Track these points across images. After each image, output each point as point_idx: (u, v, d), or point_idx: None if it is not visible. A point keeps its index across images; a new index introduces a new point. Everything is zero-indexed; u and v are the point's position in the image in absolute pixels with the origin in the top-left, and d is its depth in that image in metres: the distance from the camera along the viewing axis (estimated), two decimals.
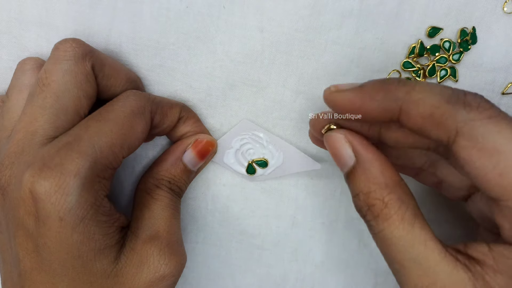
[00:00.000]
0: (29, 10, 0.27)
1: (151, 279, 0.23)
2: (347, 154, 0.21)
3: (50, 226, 0.20)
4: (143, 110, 0.23)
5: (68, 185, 0.20)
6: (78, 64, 0.23)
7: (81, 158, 0.20)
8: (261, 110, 0.28)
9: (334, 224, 0.30)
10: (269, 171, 0.28)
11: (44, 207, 0.20)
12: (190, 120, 0.27)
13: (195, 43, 0.27)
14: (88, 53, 0.23)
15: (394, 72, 0.27)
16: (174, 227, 0.25)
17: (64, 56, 0.23)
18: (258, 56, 0.27)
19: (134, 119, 0.23)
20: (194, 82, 0.27)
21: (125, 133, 0.22)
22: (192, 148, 0.27)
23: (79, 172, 0.20)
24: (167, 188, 0.26)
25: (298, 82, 0.27)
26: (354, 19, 0.26)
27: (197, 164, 0.27)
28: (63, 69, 0.22)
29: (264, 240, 0.30)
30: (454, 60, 0.26)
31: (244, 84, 0.27)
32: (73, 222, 0.20)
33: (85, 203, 0.20)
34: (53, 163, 0.20)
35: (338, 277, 0.30)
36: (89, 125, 0.22)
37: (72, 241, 0.20)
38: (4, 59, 0.28)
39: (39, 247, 0.20)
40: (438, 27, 0.26)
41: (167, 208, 0.25)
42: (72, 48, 0.23)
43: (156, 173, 0.26)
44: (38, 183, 0.20)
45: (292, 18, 0.26)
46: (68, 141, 0.21)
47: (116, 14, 0.27)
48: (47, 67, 0.23)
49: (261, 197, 0.29)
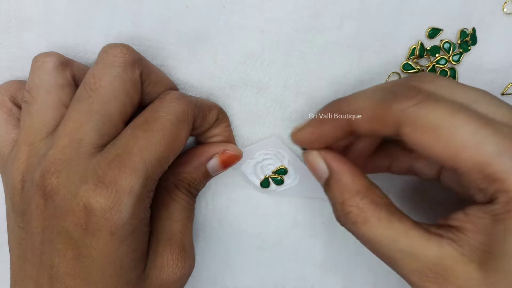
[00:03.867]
0: (29, 10, 0.27)
1: (169, 281, 0.24)
2: (321, 168, 0.23)
3: (99, 238, 0.20)
4: (187, 115, 0.23)
5: (122, 203, 0.20)
6: (127, 70, 0.22)
7: (134, 175, 0.21)
8: (261, 110, 0.28)
9: (335, 224, 0.30)
10: (282, 189, 0.29)
11: (97, 221, 0.20)
12: (222, 124, 0.27)
13: (196, 43, 0.27)
14: (138, 61, 0.23)
15: (394, 74, 0.27)
16: (189, 230, 0.26)
17: (114, 62, 0.22)
18: (258, 56, 0.27)
19: (179, 127, 0.23)
20: (195, 82, 0.27)
21: (171, 143, 0.22)
22: (219, 157, 0.27)
23: (133, 189, 0.20)
24: (185, 190, 0.26)
25: (298, 83, 0.27)
26: (354, 20, 0.26)
27: (218, 172, 0.27)
28: (112, 74, 0.22)
29: (264, 240, 0.30)
30: (454, 61, 0.27)
31: (245, 84, 0.27)
32: (123, 236, 0.21)
33: (136, 218, 0.21)
34: (107, 179, 0.20)
35: (338, 277, 0.30)
36: (137, 136, 0.22)
37: (118, 253, 0.21)
38: (3, 59, 0.27)
39: (81, 256, 0.21)
40: (438, 28, 0.26)
41: (184, 211, 0.25)
42: (123, 54, 0.22)
43: (178, 174, 0.26)
44: (94, 199, 0.20)
45: (292, 18, 0.26)
46: (119, 154, 0.21)
47: (116, 14, 0.26)
48: (95, 72, 0.22)
49: (261, 196, 0.30)
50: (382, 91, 0.21)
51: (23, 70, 0.28)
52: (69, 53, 0.27)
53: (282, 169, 0.28)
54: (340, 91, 0.27)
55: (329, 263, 0.30)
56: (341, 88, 0.27)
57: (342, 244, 0.30)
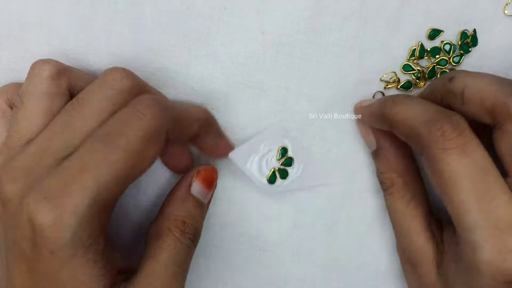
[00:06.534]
0: (30, 12, 0.27)
1: None
2: (370, 140, 0.27)
3: (43, 256, 0.19)
4: (158, 132, 0.21)
5: (64, 222, 0.19)
6: (121, 95, 0.22)
7: (81, 194, 0.19)
8: (263, 112, 0.28)
9: (336, 225, 0.30)
10: (287, 182, 0.28)
11: (40, 236, 0.19)
12: (209, 135, 0.26)
13: (196, 45, 0.27)
14: (135, 86, 0.23)
15: (391, 73, 0.27)
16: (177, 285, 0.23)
17: (111, 86, 0.22)
18: (259, 57, 0.27)
19: (147, 145, 0.21)
20: (195, 84, 0.27)
21: (135, 163, 0.20)
22: (197, 178, 0.26)
23: (77, 209, 0.19)
24: (180, 232, 0.23)
25: (299, 84, 0.27)
26: (355, 21, 0.26)
27: (206, 194, 0.26)
28: (106, 97, 0.22)
29: (265, 241, 0.30)
30: (455, 63, 0.27)
31: (246, 86, 0.27)
32: (63, 258, 0.19)
33: (79, 241, 0.19)
34: (52, 195, 0.19)
35: (339, 279, 0.30)
36: (95, 150, 0.20)
37: (61, 277, 0.20)
38: (5, 61, 0.28)
39: (33, 271, 0.20)
40: (439, 29, 0.26)
41: (172, 265, 0.22)
42: (121, 78, 0.22)
43: (168, 213, 0.24)
44: (36, 212, 0.19)
45: (293, 19, 0.26)
46: (70, 169, 0.20)
47: (116, 16, 0.27)
48: (89, 88, 0.22)
49: (262, 198, 0.29)
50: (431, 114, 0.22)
51: (24, 72, 0.27)
52: (71, 55, 0.27)
53: (287, 159, 0.28)
54: (341, 92, 0.27)
55: (330, 264, 0.30)
56: (342, 88, 0.27)
57: (343, 245, 0.30)
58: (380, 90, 0.27)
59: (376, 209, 0.29)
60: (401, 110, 0.23)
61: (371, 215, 0.29)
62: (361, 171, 0.29)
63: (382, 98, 0.26)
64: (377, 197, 0.29)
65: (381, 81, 0.27)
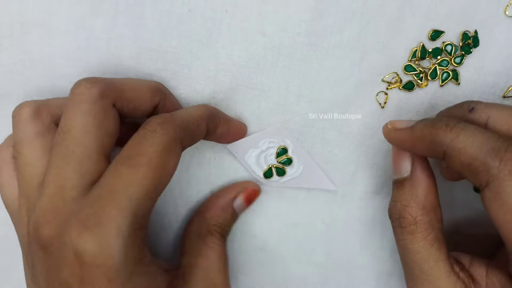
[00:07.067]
0: (31, 13, 0.27)
1: None
2: (404, 167, 0.24)
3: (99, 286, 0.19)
4: (174, 143, 0.22)
5: (111, 246, 0.19)
6: (96, 104, 0.22)
7: (120, 215, 0.19)
8: (264, 113, 0.28)
9: (336, 225, 0.30)
10: (284, 180, 0.29)
11: (91, 270, 0.19)
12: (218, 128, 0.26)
13: (198, 47, 0.27)
14: (106, 89, 0.22)
15: (393, 74, 0.27)
16: (228, 279, 0.26)
17: (81, 99, 0.22)
18: (260, 59, 0.27)
19: (167, 157, 0.21)
20: (197, 86, 0.27)
21: (159, 175, 0.21)
22: (243, 196, 0.28)
23: (121, 230, 0.19)
24: (219, 235, 0.27)
25: (300, 86, 0.27)
26: (356, 23, 0.26)
27: (243, 209, 0.28)
28: (81, 111, 0.22)
29: (265, 241, 0.30)
30: (456, 63, 0.27)
31: (247, 87, 0.27)
32: (122, 281, 0.20)
33: (132, 260, 0.20)
34: (91, 223, 0.19)
35: (340, 278, 0.31)
36: (121, 173, 0.21)
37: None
38: (5, 62, 0.28)
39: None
40: (440, 30, 0.26)
41: (221, 259, 0.26)
42: (87, 89, 0.22)
43: (209, 218, 0.27)
44: (81, 246, 0.19)
45: (294, 21, 0.26)
46: (101, 195, 0.20)
47: (117, 17, 0.26)
48: (66, 114, 0.22)
49: (262, 198, 0.30)
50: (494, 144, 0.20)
51: (24, 74, 0.28)
52: (71, 56, 0.27)
53: (287, 159, 0.28)
54: (343, 93, 0.27)
55: (331, 264, 0.30)
56: (344, 90, 0.27)
57: (344, 245, 0.30)
58: (383, 90, 0.27)
59: (376, 209, 0.29)
60: (459, 137, 0.20)
61: (371, 215, 0.29)
62: (362, 172, 0.29)
63: (424, 121, 0.22)
64: (377, 198, 0.29)
65: (382, 82, 0.27)
